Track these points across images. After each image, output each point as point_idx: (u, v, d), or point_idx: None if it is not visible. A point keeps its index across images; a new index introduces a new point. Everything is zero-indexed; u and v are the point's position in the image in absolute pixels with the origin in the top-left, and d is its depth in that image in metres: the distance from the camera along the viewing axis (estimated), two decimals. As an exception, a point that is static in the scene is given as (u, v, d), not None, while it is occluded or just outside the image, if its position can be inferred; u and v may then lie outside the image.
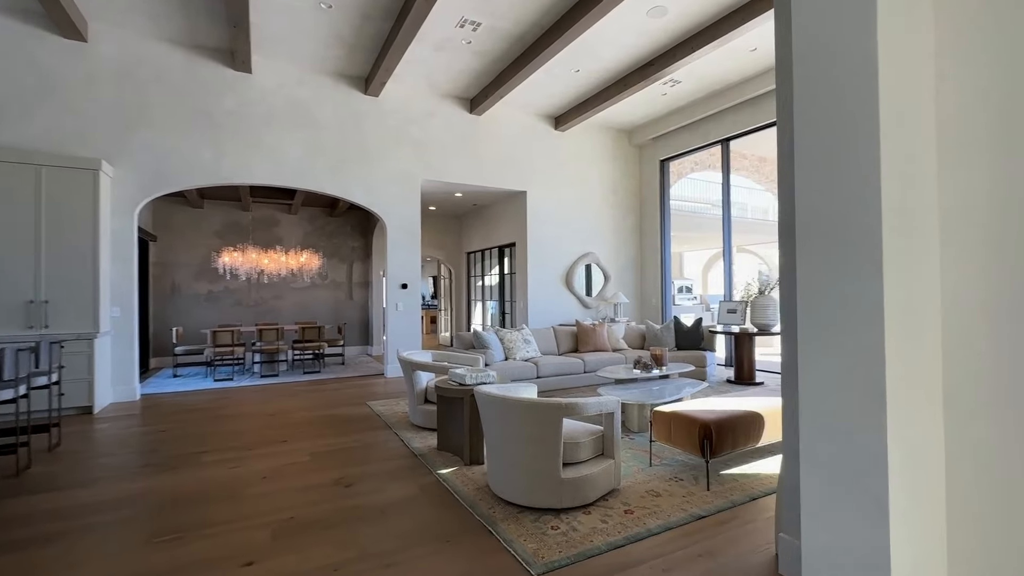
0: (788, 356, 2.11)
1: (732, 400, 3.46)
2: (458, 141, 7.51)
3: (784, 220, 2.16)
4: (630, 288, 9.10)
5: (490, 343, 5.47)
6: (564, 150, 8.41)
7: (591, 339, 6.28)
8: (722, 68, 6.56)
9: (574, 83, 6.98)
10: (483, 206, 9.56)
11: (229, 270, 7.81)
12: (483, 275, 10.13)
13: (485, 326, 10.05)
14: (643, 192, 9.19)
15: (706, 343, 6.44)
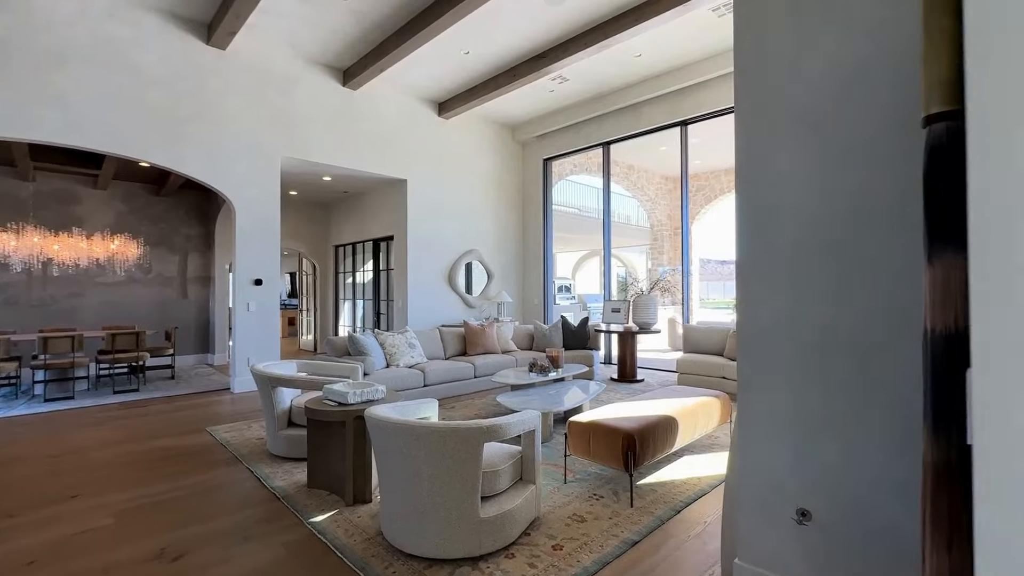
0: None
1: (641, 404, 3.31)
2: (329, 116, 6.52)
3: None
4: (512, 287, 8.91)
5: (369, 349, 4.73)
6: (447, 139, 7.88)
7: (480, 341, 5.87)
8: (608, 70, 6.64)
9: (463, 66, 6.50)
10: (357, 194, 8.57)
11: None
12: (354, 271, 9.11)
13: (358, 328, 9.05)
14: (526, 190, 9.07)
15: (592, 342, 6.46)
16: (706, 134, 8.75)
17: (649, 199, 12.43)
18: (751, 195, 1.86)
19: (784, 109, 1.80)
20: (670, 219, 13.03)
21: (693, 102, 6.70)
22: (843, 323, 1.69)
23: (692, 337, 6.06)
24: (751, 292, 1.86)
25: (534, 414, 2.42)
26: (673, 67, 6.52)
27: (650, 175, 12.35)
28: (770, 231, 1.83)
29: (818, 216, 1.72)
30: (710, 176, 12.42)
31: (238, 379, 5.76)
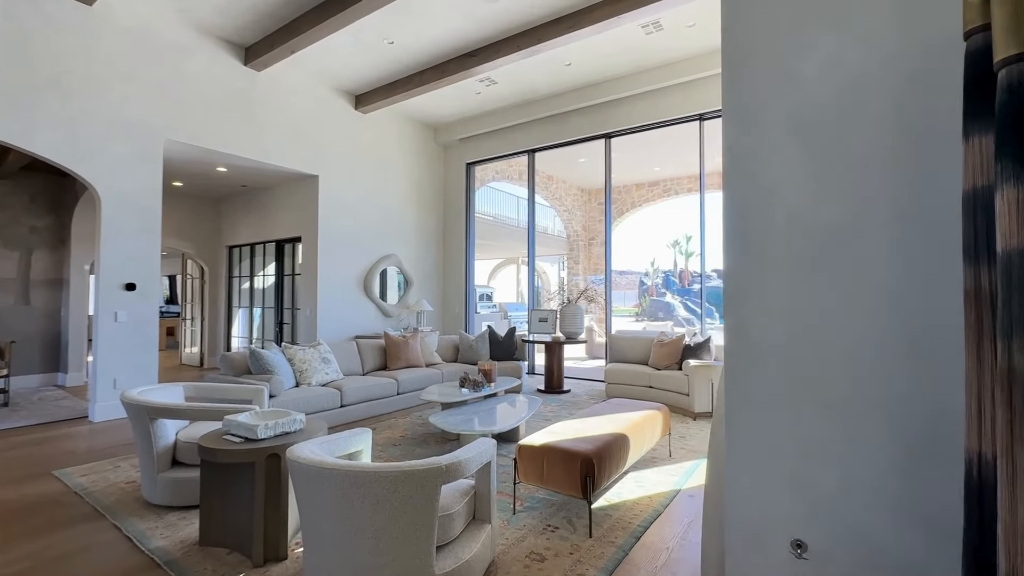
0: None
1: (588, 422, 3.15)
2: (226, 98, 5.69)
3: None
4: (433, 295, 8.49)
5: (275, 366, 4.09)
6: (365, 135, 7.32)
7: (402, 354, 5.41)
8: (537, 77, 6.57)
9: (386, 57, 6.03)
10: (258, 189, 7.64)
11: None
12: (252, 275, 8.10)
13: (255, 340, 8.03)
14: (447, 194, 8.73)
15: (519, 353, 6.28)
16: (620, 149, 9.07)
17: (566, 209, 12.67)
18: (740, 205, 1.74)
19: (777, 114, 1.70)
20: (585, 230, 13.41)
21: (618, 116, 6.85)
22: (838, 341, 1.59)
23: (617, 346, 6.12)
24: (740, 308, 1.73)
25: (489, 444, 2.13)
26: (601, 79, 6.61)
27: (568, 186, 12.61)
28: (761, 243, 1.72)
29: (812, 228, 1.63)
30: (622, 190, 12.98)
31: (100, 404, 4.73)
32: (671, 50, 5.84)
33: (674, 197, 12.10)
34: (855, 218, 1.60)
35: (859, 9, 1.64)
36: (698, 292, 31.34)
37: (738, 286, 1.82)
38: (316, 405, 4.12)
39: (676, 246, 26.82)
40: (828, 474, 1.66)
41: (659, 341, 5.71)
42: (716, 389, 4.79)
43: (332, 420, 4.27)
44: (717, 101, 6.07)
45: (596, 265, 13.42)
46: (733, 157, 1.80)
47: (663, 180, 11.96)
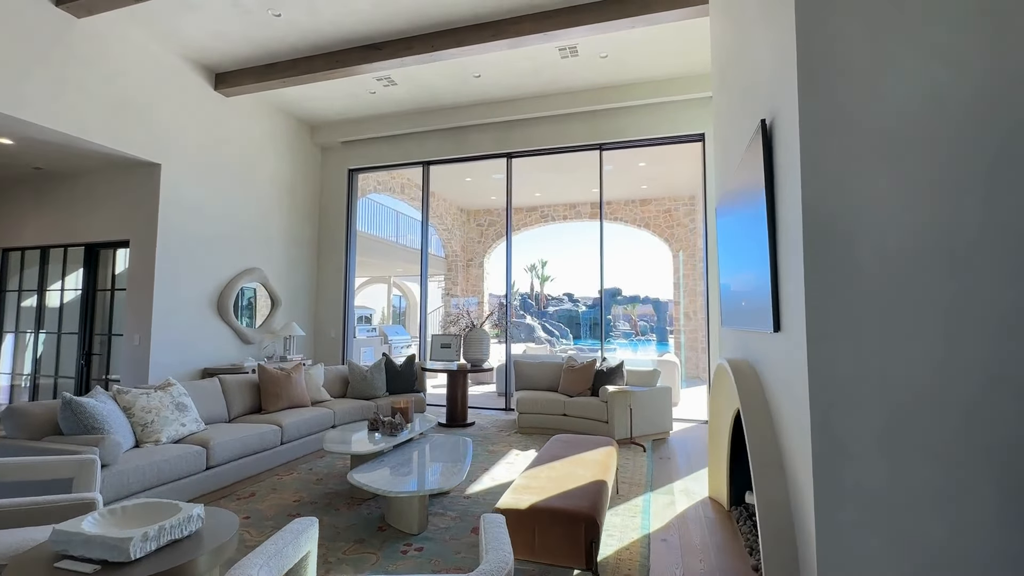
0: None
1: (551, 467, 2.75)
2: (24, 44, 4.12)
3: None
4: (304, 317, 7.29)
5: (103, 419, 2.85)
6: (227, 123, 6.02)
7: (283, 391, 4.35)
8: (442, 84, 6.13)
9: (267, 31, 5.02)
10: (61, 175, 5.71)
11: None
12: (42, 289, 5.99)
13: (45, 377, 5.89)
14: (324, 202, 7.68)
15: (419, 383, 5.60)
16: (500, 171, 9.03)
17: (446, 229, 12.23)
18: (820, 225, 1.56)
19: (862, 132, 1.56)
20: (464, 251, 13.10)
21: (521, 136, 6.74)
22: (942, 380, 1.47)
23: (525, 373, 5.84)
24: (825, 341, 1.53)
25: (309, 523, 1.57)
26: (508, 97, 6.44)
27: (448, 205, 12.21)
28: (845, 267, 1.55)
29: (907, 252, 1.50)
30: (501, 213, 13.03)
31: None
32: (580, 78, 5.93)
33: (550, 223, 12.52)
34: (957, 244, 1.50)
35: (949, 33, 1.57)
36: (552, 315, 32.97)
37: (822, 317, 1.60)
38: (171, 472, 2.97)
39: (532, 270, 28.13)
40: (935, 527, 1.47)
41: (569, 367, 5.58)
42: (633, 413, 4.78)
43: (194, 490, 3.14)
44: (617, 133, 6.34)
45: (474, 287, 13.16)
46: (812, 172, 1.62)
47: (542, 206, 12.30)
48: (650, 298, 32.85)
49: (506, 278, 7.04)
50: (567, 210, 12.23)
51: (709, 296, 5.89)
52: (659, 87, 5.95)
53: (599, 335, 32.06)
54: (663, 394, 5.05)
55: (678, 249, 11.34)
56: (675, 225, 11.54)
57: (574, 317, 33.01)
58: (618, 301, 33.79)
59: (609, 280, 39.37)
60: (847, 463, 1.48)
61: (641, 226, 11.70)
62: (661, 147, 6.71)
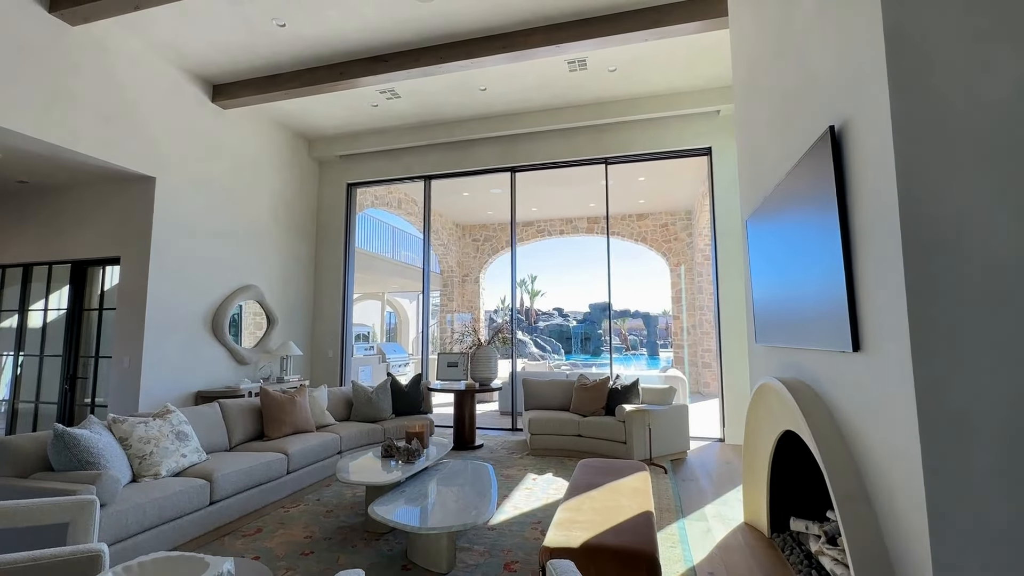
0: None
1: (592, 497, 2.57)
2: (16, 50, 3.90)
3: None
4: (300, 335, 7.02)
5: (99, 453, 2.60)
6: (224, 136, 5.83)
7: (287, 416, 4.10)
8: (447, 98, 6.03)
9: (270, 43, 4.88)
10: (47, 188, 5.43)
11: None
12: (24, 309, 5.66)
13: (24, 402, 5.52)
14: (322, 217, 7.48)
15: (426, 405, 5.37)
16: (504, 186, 8.94)
17: (442, 244, 12.07)
18: (921, 234, 1.43)
19: (960, 134, 1.45)
20: (460, 266, 12.93)
21: (525, 150, 6.66)
22: None
23: (534, 391, 5.65)
24: (933, 362, 1.39)
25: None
26: (513, 111, 6.36)
27: (444, 220, 12.06)
28: (951, 280, 1.42)
29: (1018, 262, 1.38)
30: (497, 228, 12.93)
31: None
32: (587, 91, 5.88)
33: (547, 238, 12.43)
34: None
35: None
36: (543, 330, 32.78)
37: (929, 335, 1.46)
38: (173, 509, 2.71)
39: (522, 285, 28.10)
40: (1073, 572, 1.30)
41: (581, 384, 5.41)
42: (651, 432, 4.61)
43: (194, 528, 2.88)
44: (622, 146, 6.29)
45: (470, 302, 12.96)
46: (910, 178, 1.50)
47: (539, 221, 12.23)
48: (640, 312, 32.96)
49: (512, 292, 6.88)
50: (564, 224, 12.17)
51: (720, 311, 5.79)
52: (666, 101, 5.92)
53: (590, 349, 31.84)
54: (680, 412, 4.90)
55: (677, 263, 11.32)
56: (672, 239, 11.54)
57: (565, 332, 32.89)
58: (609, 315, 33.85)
59: (601, 294, 39.28)
60: (966, 499, 1.34)
61: (638, 240, 11.68)
62: (660, 162, 6.67)
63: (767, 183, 2.82)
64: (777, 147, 2.63)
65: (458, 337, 12.30)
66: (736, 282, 5.69)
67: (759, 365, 3.19)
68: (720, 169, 5.93)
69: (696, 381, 10.43)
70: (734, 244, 5.75)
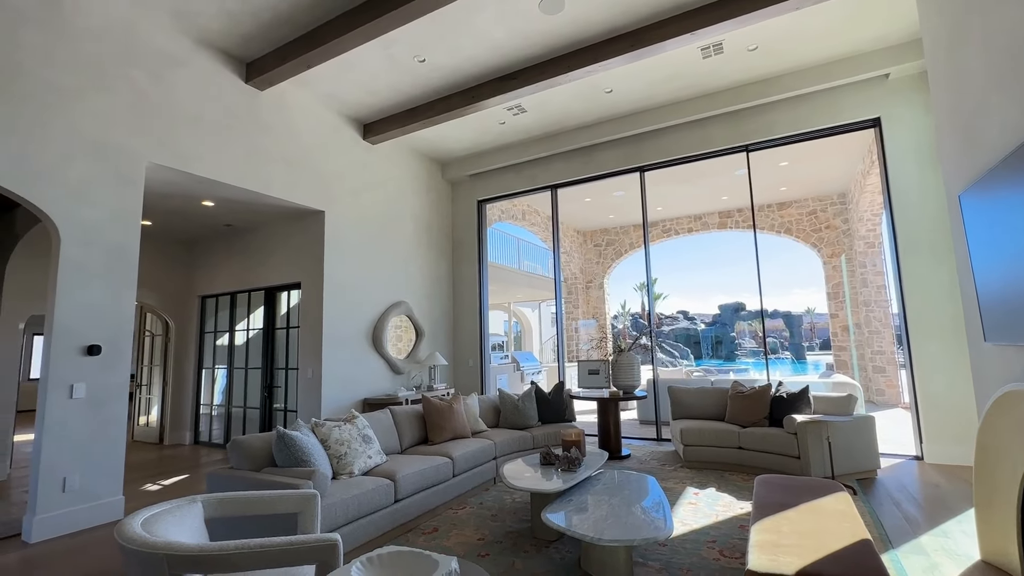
0: None
1: (788, 519, 2.30)
2: (223, 118, 4.76)
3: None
4: (443, 346, 7.49)
5: (309, 452, 3.00)
6: (374, 168, 6.49)
7: (447, 422, 4.37)
8: (571, 105, 6.04)
9: (411, 79, 5.33)
10: (244, 229, 6.54)
11: None
12: (232, 330, 6.84)
13: (216, 406, 6.65)
14: (456, 235, 7.93)
15: (569, 413, 5.36)
16: (625, 188, 8.65)
17: (565, 251, 12.10)
18: None
19: None
20: (583, 273, 12.85)
21: (654, 148, 6.40)
22: None
23: (682, 400, 5.33)
24: None
25: None
26: (640, 108, 6.17)
27: (564, 227, 12.10)
28: None
29: None
30: (619, 232, 12.63)
31: (40, 517, 3.39)
32: (722, 77, 5.48)
33: (672, 238, 11.82)
34: None
35: None
36: (667, 334, 31.15)
37: None
38: (367, 505, 3.03)
39: (642, 289, 26.94)
40: None
41: (736, 393, 4.98)
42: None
43: (383, 524, 3.17)
44: (765, 130, 5.73)
45: (595, 309, 12.80)
46: None
47: (664, 220, 11.69)
48: (779, 311, 29.67)
49: (648, 294, 6.62)
50: (693, 222, 11.47)
51: (906, 306, 4.95)
52: (818, 73, 5.28)
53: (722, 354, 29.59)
54: (865, 425, 4.25)
55: (832, 254, 10.00)
56: (823, 227, 10.24)
57: (692, 336, 30.89)
58: (742, 316, 30.99)
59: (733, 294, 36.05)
60: None
61: (781, 232, 10.55)
62: (805, 145, 5.94)
63: (992, 150, 2.33)
64: (1013, 106, 2.15)
65: (588, 344, 12.19)
66: (930, 270, 4.82)
67: (991, 369, 2.63)
68: (895, 140, 5.11)
69: (867, 388, 9.05)
70: (926, 226, 4.89)
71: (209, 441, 6.79)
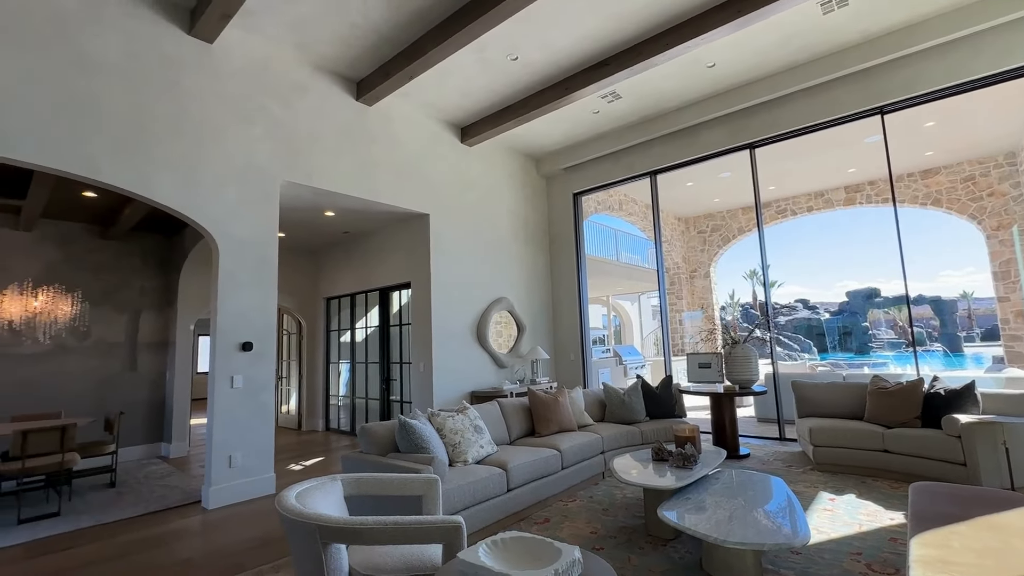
0: None
1: (985, 526, 1.97)
2: (338, 136, 5.22)
3: None
4: (544, 340, 7.54)
5: (428, 440, 3.19)
6: (471, 169, 6.71)
7: (553, 415, 4.41)
8: (669, 85, 5.73)
9: (504, 78, 5.42)
10: (359, 235, 7.14)
11: None
12: (353, 327, 7.51)
13: (345, 397, 7.32)
14: (553, 229, 7.93)
15: (679, 408, 5.11)
16: (731, 168, 7.98)
17: (665, 240, 11.57)
18: None
19: None
20: (686, 262, 12.20)
21: (763, 122, 5.85)
22: None
23: (809, 396, 4.84)
24: None
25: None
26: (747, 80, 5.68)
27: (665, 215, 11.56)
28: None
29: None
30: (726, 216, 11.78)
31: (215, 488, 4.01)
32: (847, 32, 4.85)
33: (789, 219, 10.74)
34: None
35: None
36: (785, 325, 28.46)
37: None
38: (481, 493, 3.16)
39: (754, 276, 24.77)
40: None
41: (879, 389, 4.40)
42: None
43: (496, 512, 3.28)
44: (904, 87, 4.96)
45: (701, 299, 12.08)
46: None
47: (777, 200, 10.67)
48: (925, 297, 25.67)
49: (763, 280, 6.09)
50: (813, 200, 10.33)
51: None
52: (974, 11, 4.46)
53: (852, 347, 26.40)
54: (1056, 427, 3.52)
55: (998, 226, 8.42)
56: (983, 194, 8.65)
57: (814, 327, 27.85)
58: (876, 304, 27.27)
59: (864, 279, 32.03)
60: None
61: (926, 203, 9.10)
62: (955, 100, 5.03)
63: None
64: None
65: (694, 337, 11.55)
66: None
67: None
68: (1089, 81, 4.16)
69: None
70: None
71: (338, 428, 7.53)
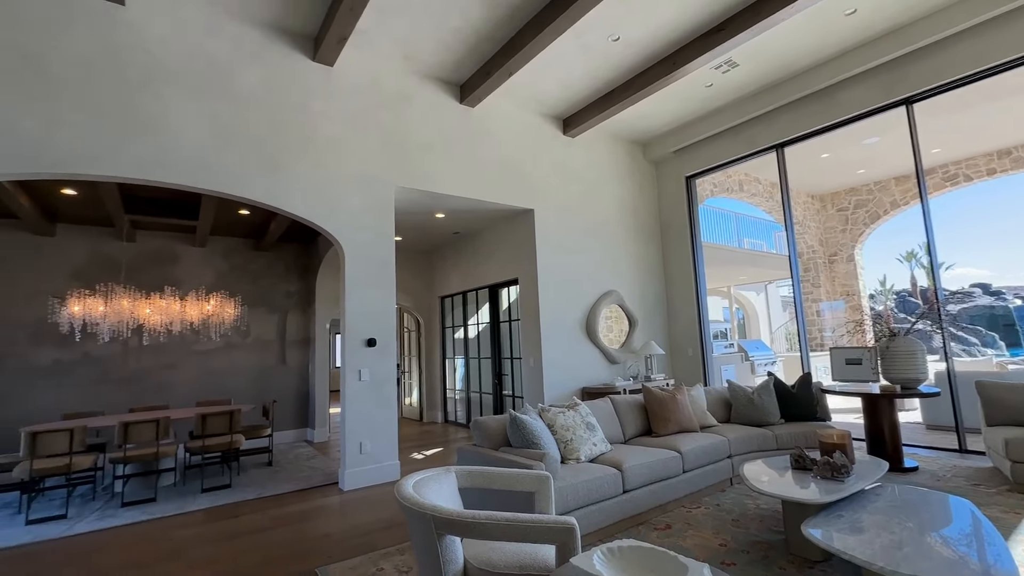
0: None
1: None
2: (446, 139, 5.42)
3: None
4: (659, 335, 7.13)
5: (539, 435, 3.15)
6: (575, 161, 6.56)
7: (671, 413, 4.11)
8: (796, 43, 5.04)
9: (607, 60, 5.18)
10: (468, 234, 7.39)
11: (81, 325, 4.95)
12: (466, 324, 7.80)
13: (458, 391, 7.59)
14: (663, 217, 7.47)
15: (822, 410, 4.48)
16: (882, 131, 6.78)
17: (796, 221, 10.31)
18: None
19: None
20: (823, 245, 10.77)
21: (922, 70, 4.89)
22: None
23: (1002, 400, 3.93)
24: None
25: None
26: (896, 25, 4.80)
27: (796, 193, 10.31)
28: None
29: None
30: (875, 188, 10.16)
31: (349, 472, 4.40)
32: (1046, -59, 3.84)
33: (961, 186, 8.90)
34: None
35: None
36: (958, 315, 24.02)
37: None
38: (595, 493, 3.03)
39: (914, 258, 21.11)
40: None
41: (1109, 391, 3.42)
42: None
43: (612, 514, 3.13)
44: None
45: (843, 286, 10.57)
46: None
47: (943, 165, 8.92)
48: None
49: (931, 261, 5.10)
50: (995, 161, 8.47)
51: None
52: None
53: (1061, 340, 20.93)
54: None
55: None
56: None
57: (1000, 316, 23.01)
58: (1091, 286, 21.70)
59: (1072, 255, 26.12)
60: None
61: None
62: None
63: None
64: None
65: (835, 330, 10.15)
66: None
67: None
68: None
69: None
70: None
71: (456, 420, 7.88)
